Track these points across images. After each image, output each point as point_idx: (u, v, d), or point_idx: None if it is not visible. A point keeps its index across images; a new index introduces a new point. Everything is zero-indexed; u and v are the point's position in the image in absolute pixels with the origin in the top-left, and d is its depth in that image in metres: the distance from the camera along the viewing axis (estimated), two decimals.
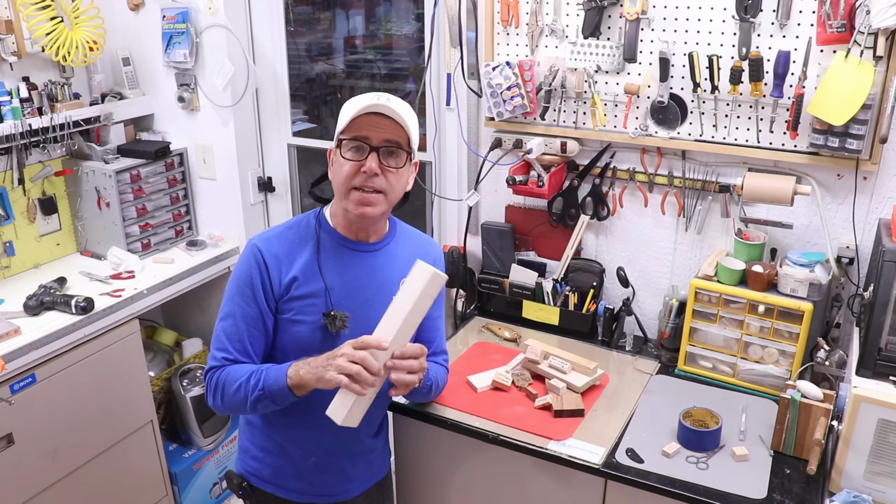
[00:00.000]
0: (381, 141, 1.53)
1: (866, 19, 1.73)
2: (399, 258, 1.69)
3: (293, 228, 1.65)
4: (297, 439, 1.71)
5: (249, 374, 1.55)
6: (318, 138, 2.98)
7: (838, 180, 1.99)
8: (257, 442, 1.75)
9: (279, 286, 1.59)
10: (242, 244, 2.90)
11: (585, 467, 1.75)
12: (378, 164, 1.53)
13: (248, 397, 1.54)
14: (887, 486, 1.59)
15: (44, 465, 2.26)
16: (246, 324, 1.59)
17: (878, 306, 1.63)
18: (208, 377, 1.62)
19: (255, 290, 1.58)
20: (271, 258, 1.59)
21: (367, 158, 1.52)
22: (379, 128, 1.52)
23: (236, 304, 1.59)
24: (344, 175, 1.54)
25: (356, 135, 1.53)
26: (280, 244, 1.61)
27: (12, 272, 2.58)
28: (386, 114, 1.52)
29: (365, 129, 1.52)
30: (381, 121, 1.52)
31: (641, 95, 2.12)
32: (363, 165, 1.52)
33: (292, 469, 1.73)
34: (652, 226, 2.27)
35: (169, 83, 2.80)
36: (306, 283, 1.60)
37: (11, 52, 2.37)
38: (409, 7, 2.79)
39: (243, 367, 1.58)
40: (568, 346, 2.21)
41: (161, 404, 2.81)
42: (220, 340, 1.61)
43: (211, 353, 1.63)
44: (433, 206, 2.67)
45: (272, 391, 1.52)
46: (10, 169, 2.48)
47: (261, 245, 1.60)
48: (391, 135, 1.53)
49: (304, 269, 1.60)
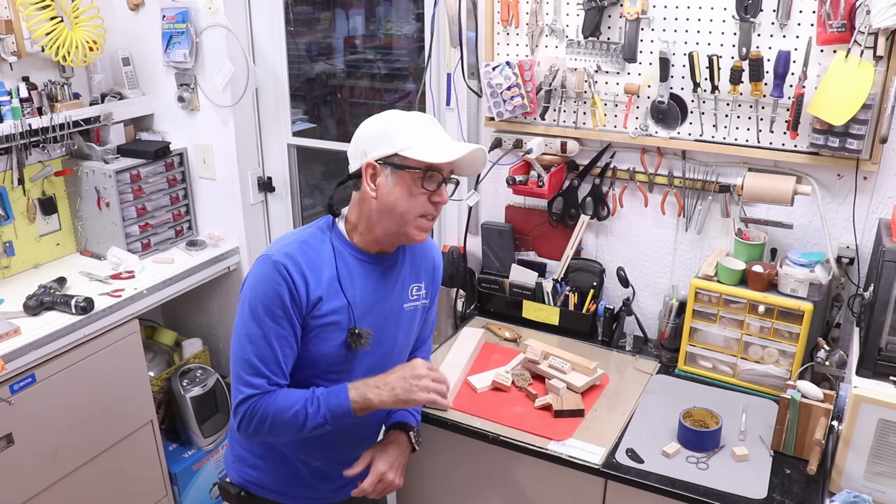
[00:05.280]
0: (449, 172, 1.57)
1: (866, 19, 1.73)
2: (408, 265, 1.71)
3: (309, 242, 1.58)
4: (299, 447, 1.68)
5: (305, 401, 1.52)
6: (318, 138, 2.99)
7: (838, 180, 1.99)
8: (255, 451, 1.71)
9: (307, 303, 1.53)
10: (242, 244, 2.90)
11: (585, 467, 1.75)
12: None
13: (306, 424, 1.52)
14: (887, 486, 1.59)
15: (44, 465, 2.25)
16: (280, 344, 1.52)
17: (878, 306, 1.63)
18: (247, 406, 1.52)
19: (287, 309, 1.50)
20: (297, 275, 1.51)
21: (441, 189, 1.55)
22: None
23: (266, 325, 1.50)
24: (417, 204, 1.53)
25: (434, 165, 1.52)
26: (303, 259, 1.54)
27: (12, 272, 2.58)
28: (465, 153, 1.54)
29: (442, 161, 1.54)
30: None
31: (641, 95, 2.12)
32: (436, 196, 1.54)
33: (295, 477, 1.71)
34: (652, 226, 2.27)
35: (169, 83, 2.80)
36: (329, 301, 1.55)
37: (11, 51, 2.37)
38: (409, 7, 2.79)
39: (292, 394, 1.53)
40: (568, 346, 2.21)
41: (161, 404, 2.81)
42: (253, 366, 1.51)
43: (242, 379, 1.52)
44: None
45: (336, 416, 1.52)
46: (9, 169, 2.48)
47: (283, 261, 1.51)
48: (450, 166, 1.57)
49: (328, 286, 1.55)
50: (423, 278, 1.74)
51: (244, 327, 1.53)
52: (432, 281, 1.78)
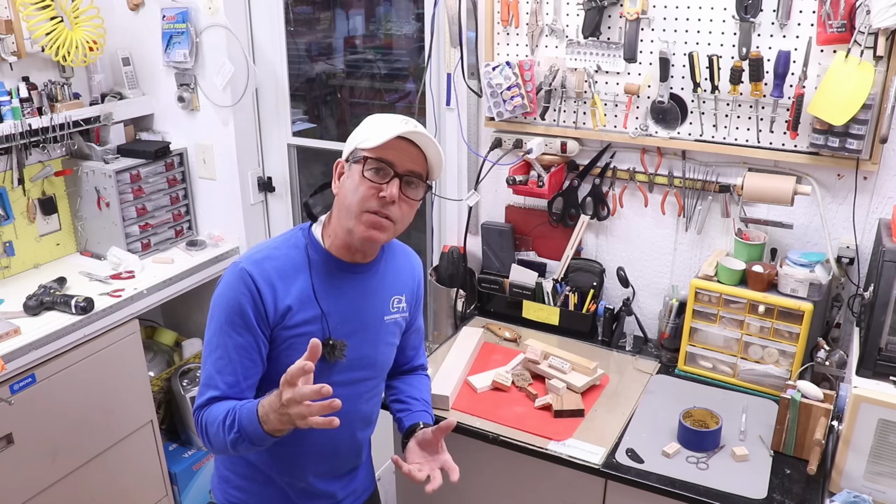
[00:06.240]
0: (406, 169, 1.45)
1: (866, 19, 1.73)
2: (388, 277, 1.63)
3: (282, 248, 1.52)
4: (284, 467, 1.60)
5: (226, 413, 1.40)
6: (318, 138, 2.99)
7: (838, 180, 1.99)
8: (239, 471, 1.64)
9: (274, 313, 1.46)
10: (242, 244, 2.90)
11: (585, 467, 1.75)
12: (398, 191, 1.45)
13: (226, 439, 1.40)
14: (887, 486, 1.59)
15: (44, 465, 2.25)
16: (239, 355, 1.45)
17: (878, 306, 1.63)
18: (196, 417, 1.48)
19: (247, 318, 1.44)
20: (264, 284, 1.45)
21: (388, 184, 1.44)
22: (406, 154, 1.45)
23: (226, 334, 1.45)
24: (360, 195, 1.44)
25: (383, 156, 1.43)
26: (271, 267, 1.47)
27: (12, 272, 2.58)
28: (416, 142, 1.45)
29: (392, 152, 1.44)
30: (409, 148, 1.45)
31: (641, 95, 2.12)
32: (382, 190, 1.43)
33: (281, 496, 1.63)
34: (652, 226, 2.27)
35: (169, 83, 2.80)
36: (302, 311, 1.48)
37: (11, 51, 2.37)
38: (409, 7, 2.79)
39: (222, 405, 1.43)
40: (568, 346, 2.21)
41: (161, 404, 2.81)
42: (210, 376, 1.46)
43: (199, 389, 1.49)
44: (433, 205, 2.67)
45: (248, 434, 1.37)
46: (9, 169, 2.48)
47: (251, 269, 1.45)
48: (416, 165, 1.47)
49: (300, 295, 1.49)
50: (405, 290, 1.67)
51: (208, 336, 1.49)
52: (414, 293, 1.71)
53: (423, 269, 1.82)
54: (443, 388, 1.97)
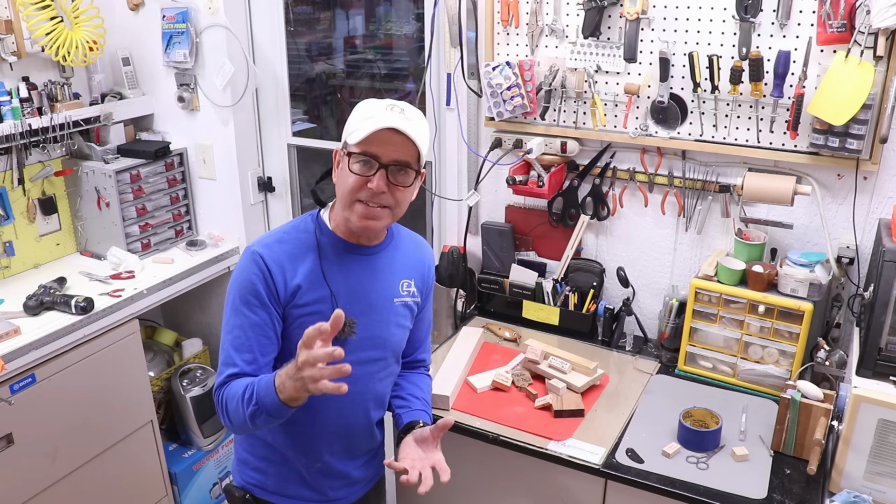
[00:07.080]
0: (391, 160, 1.47)
1: (866, 19, 1.73)
2: (398, 260, 1.68)
3: (291, 233, 1.60)
4: (300, 447, 1.65)
5: (244, 388, 1.45)
6: (318, 138, 2.99)
7: (838, 180, 1.99)
8: (258, 453, 1.70)
9: (285, 292, 1.53)
10: (242, 244, 2.89)
11: (585, 467, 1.75)
12: (385, 181, 1.48)
13: (245, 413, 1.45)
14: (887, 486, 1.59)
15: (44, 465, 2.25)
16: (255, 332, 1.51)
17: (878, 306, 1.63)
18: (216, 396, 1.52)
19: (260, 297, 1.51)
20: (274, 264, 1.52)
21: (374, 175, 1.47)
22: (390, 144, 1.46)
23: (241, 314, 1.51)
24: (349, 187, 1.50)
25: (366, 149, 1.47)
26: (281, 250, 1.55)
27: (12, 272, 2.58)
28: (400, 130, 1.45)
29: (376, 144, 1.46)
30: (393, 137, 1.46)
31: (641, 95, 2.12)
32: (369, 181, 1.47)
33: (297, 477, 1.69)
34: (652, 226, 2.27)
35: (169, 83, 2.80)
36: (311, 290, 1.54)
37: (11, 51, 2.37)
38: (409, 7, 2.79)
39: (241, 382, 1.48)
40: (568, 346, 2.21)
41: (161, 404, 2.81)
42: (228, 355, 1.52)
43: (220, 368, 1.54)
44: (433, 205, 2.67)
45: (266, 405, 1.41)
46: (9, 169, 2.48)
47: (261, 251, 1.53)
48: (402, 154, 1.48)
49: (308, 276, 1.55)
50: (415, 275, 1.71)
51: (225, 319, 1.56)
52: (424, 279, 1.75)
53: (434, 260, 1.84)
54: (443, 388, 1.97)
